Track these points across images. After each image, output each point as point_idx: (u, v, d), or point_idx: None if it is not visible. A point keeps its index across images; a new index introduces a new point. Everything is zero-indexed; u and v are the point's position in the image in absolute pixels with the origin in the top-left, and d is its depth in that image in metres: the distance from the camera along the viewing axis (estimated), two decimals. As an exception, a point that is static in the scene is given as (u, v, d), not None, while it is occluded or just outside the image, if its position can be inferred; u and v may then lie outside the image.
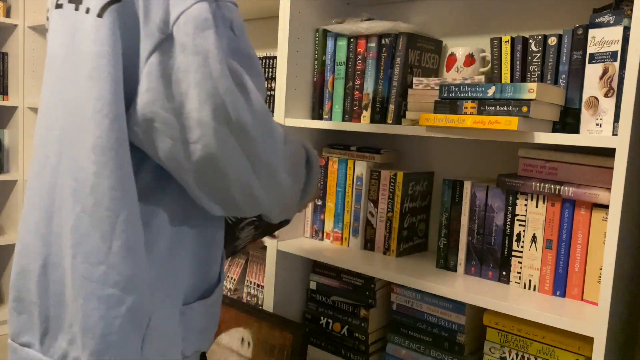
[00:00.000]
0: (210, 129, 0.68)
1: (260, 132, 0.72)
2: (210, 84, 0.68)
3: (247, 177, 0.73)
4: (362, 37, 1.50)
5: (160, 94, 0.69)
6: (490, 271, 1.30)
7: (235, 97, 0.69)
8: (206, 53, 0.68)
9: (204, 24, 0.68)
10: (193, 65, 0.68)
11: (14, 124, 2.73)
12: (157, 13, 0.69)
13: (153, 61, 0.69)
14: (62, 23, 0.77)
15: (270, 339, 1.57)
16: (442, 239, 1.38)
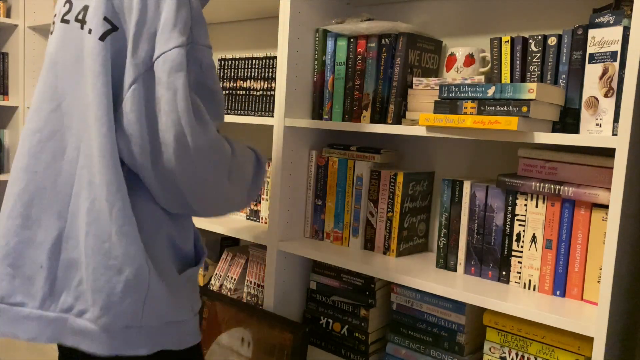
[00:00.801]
0: (172, 149, 0.87)
1: (211, 154, 0.91)
2: (175, 115, 0.86)
3: (198, 187, 0.92)
4: (362, 37, 1.50)
5: (141, 114, 0.87)
6: (490, 271, 1.30)
7: (193, 127, 0.87)
8: (175, 90, 0.86)
9: (178, 67, 0.86)
10: (164, 97, 0.86)
11: (14, 124, 2.73)
12: (143, 49, 0.87)
13: (136, 87, 0.87)
14: (68, 36, 0.92)
15: (270, 339, 1.58)
16: (441, 239, 1.38)
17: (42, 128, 0.93)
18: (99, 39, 0.88)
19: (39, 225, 0.92)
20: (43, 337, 0.93)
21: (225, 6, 1.87)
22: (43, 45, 2.74)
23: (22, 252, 0.93)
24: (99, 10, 0.89)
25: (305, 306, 1.68)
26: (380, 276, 1.36)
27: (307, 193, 1.65)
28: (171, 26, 0.87)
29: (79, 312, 0.91)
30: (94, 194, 0.88)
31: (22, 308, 0.92)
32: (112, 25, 0.88)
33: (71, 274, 0.91)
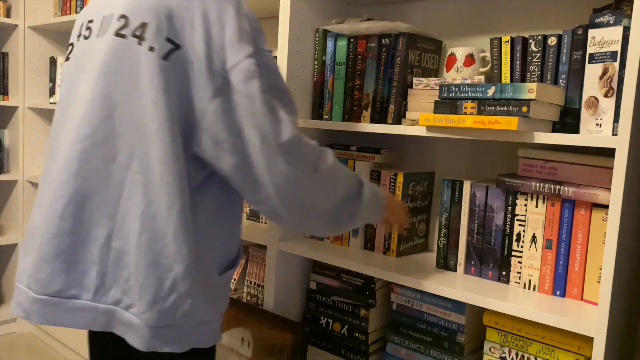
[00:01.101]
0: (258, 149, 0.95)
1: (295, 149, 0.98)
2: (256, 119, 0.94)
3: (284, 183, 0.97)
4: (362, 37, 1.50)
5: (225, 123, 0.94)
6: (490, 271, 1.30)
7: (274, 127, 0.95)
8: (252, 96, 0.94)
9: (252, 75, 0.94)
10: (243, 104, 0.94)
11: (14, 124, 2.73)
12: (216, 64, 0.93)
13: (218, 100, 0.94)
14: (124, 50, 0.96)
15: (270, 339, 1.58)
16: (441, 239, 1.38)
17: (94, 134, 0.98)
18: (162, 57, 0.94)
19: (91, 224, 0.99)
20: (96, 325, 1.00)
21: (225, 6, 1.87)
22: (43, 45, 2.74)
23: (76, 249, 1.00)
24: (161, 30, 0.94)
25: (305, 306, 1.68)
26: (380, 276, 1.36)
27: (307, 193, 1.65)
28: (238, 38, 0.94)
29: (126, 305, 0.98)
30: (149, 197, 0.95)
31: (76, 300, 1.00)
32: (175, 44, 0.94)
33: (119, 270, 0.98)
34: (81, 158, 0.99)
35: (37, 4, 2.68)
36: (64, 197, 0.99)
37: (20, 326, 2.80)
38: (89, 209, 0.99)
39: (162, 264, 0.95)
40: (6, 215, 2.81)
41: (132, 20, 0.97)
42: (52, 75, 2.69)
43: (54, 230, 1.00)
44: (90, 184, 0.99)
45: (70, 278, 1.00)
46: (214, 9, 0.95)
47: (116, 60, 0.97)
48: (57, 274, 1.00)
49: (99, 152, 0.98)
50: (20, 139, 2.70)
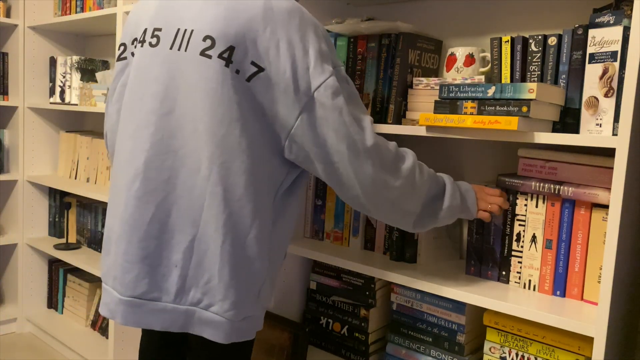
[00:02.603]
0: (346, 157, 1.04)
1: (377, 153, 1.07)
2: (344, 129, 1.04)
3: (369, 184, 1.07)
4: (362, 37, 1.50)
5: (310, 137, 1.04)
6: (490, 271, 1.30)
7: (360, 135, 1.05)
8: (340, 109, 1.03)
9: (337, 90, 1.04)
10: (332, 117, 1.03)
11: (14, 124, 2.73)
12: (302, 85, 1.02)
13: (303, 117, 1.03)
14: (207, 70, 1.02)
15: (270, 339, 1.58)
16: (442, 239, 1.38)
17: (183, 146, 1.05)
18: (247, 80, 1.01)
19: (175, 230, 1.06)
20: (175, 326, 1.07)
21: (225, 6, 1.87)
22: (43, 45, 2.73)
23: (160, 253, 1.07)
24: (247, 55, 1.01)
25: (305, 306, 1.68)
26: (380, 276, 1.36)
27: (307, 193, 1.65)
28: (321, 60, 1.03)
29: (206, 305, 1.05)
30: (230, 209, 1.03)
31: (157, 302, 1.07)
32: (259, 67, 1.01)
33: (200, 273, 1.05)
34: (172, 168, 1.06)
35: (37, 4, 2.68)
36: (153, 204, 1.06)
37: (20, 326, 2.80)
38: (175, 216, 1.06)
39: (244, 266, 1.05)
40: (6, 215, 2.81)
41: (218, 42, 1.01)
42: (52, 75, 2.69)
43: (142, 234, 1.06)
44: (178, 192, 1.06)
45: (154, 281, 1.07)
46: (297, 34, 1.02)
47: (199, 79, 1.02)
48: (143, 276, 1.07)
49: (187, 163, 1.05)
50: (20, 139, 2.70)
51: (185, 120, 1.04)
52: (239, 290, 1.05)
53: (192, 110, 1.04)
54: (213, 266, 1.04)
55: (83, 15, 2.31)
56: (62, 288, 2.79)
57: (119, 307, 1.08)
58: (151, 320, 1.07)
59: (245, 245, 1.05)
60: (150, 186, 1.06)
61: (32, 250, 2.78)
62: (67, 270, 2.76)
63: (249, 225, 1.04)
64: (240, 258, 1.04)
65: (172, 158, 1.05)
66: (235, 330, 1.06)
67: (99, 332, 2.59)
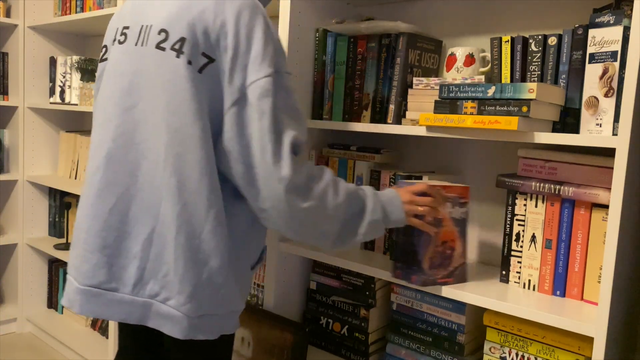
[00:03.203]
0: (258, 160, 1.02)
1: (285, 170, 1.03)
2: (259, 135, 1.01)
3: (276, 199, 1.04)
4: (362, 37, 1.50)
5: (236, 133, 1.02)
6: (415, 275, 1.30)
7: (275, 146, 1.02)
8: (263, 112, 1.01)
9: (266, 93, 1.02)
10: (254, 118, 1.01)
11: (14, 124, 2.73)
12: (238, 79, 1.02)
13: (233, 111, 1.02)
14: (161, 62, 1.04)
15: (270, 339, 1.58)
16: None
17: (147, 139, 1.06)
18: (198, 71, 1.02)
19: (136, 221, 1.07)
20: (132, 318, 1.07)
21: (225, 6, 1.87)
22: (43, 45, 2.73)
23: (120, 244, 1.08)
24: (198, 46, 1.02)
25: (305, 306, 1.68)
26: (380, 276, 1.36)
27: (307, 193, 1.65)
28: (261, 59, 1.02)
29: (164, 298, 1.05)
30: (184, 199, 1.03)
31: (115, 293, 1.07)
32: (209, 58, 1.02)
33: (159, 265, 1.06)
34: (134, 160, 1.07)
35: (37, 4, 2.68)
36: (114, 195, 1.07)
37: (20, 326, 2.80)
38: (136, 208, 1.07)
39: (199, 260, 1.03)
40: (6, 215, 2.81)
41: (171, 34, 1.04)
42: (52, 75, 2.69)
43: (101, 225, 1.08)
44: (139, 184, 1.07)
45: (112, 271, 1.08)
46: (245, 29, 1.03)
47: (155, 72, 1.05)
48: (101, 266, 1.08)
49: (148, 156, 1.06)
50: (20, 139, 2.70)
51: (146, 114, 1.06)
52: (193, 285, 1.03)
53: (152, 104, 1.06)
54: (170, 259, 1.04)
55: (83, 15, 2.31)
56: (62, 288, 2.79)
57: (77, 296, 1.09)
58: (108, 310, 1.08)
59: (200, 238, 1.03)
60: (112, 178, 1.07)
61: (32, 250, 2.78)
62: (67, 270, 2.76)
63: (203, 219, 1.03)
64: (194, 252, 1.03)
65: (134, 151, 1.07)
66: (193, 327, 1.05)
67: (99, 332, 2.59)
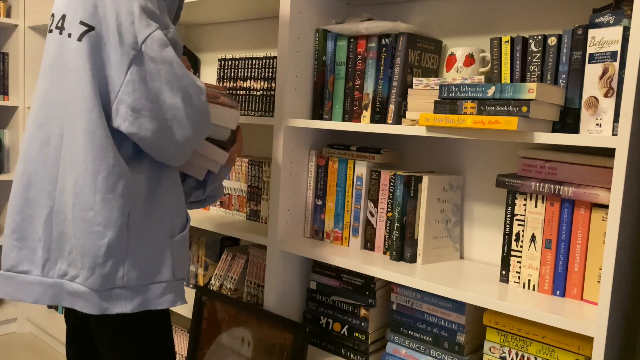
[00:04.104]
0: (182, 110, 1.06)
1: (206, 112, 1.12)
2: (178, 82, 1.05)
3: (190, 134, 1.10)
4: (362, 37, 1.50)
5: (142, 92, 1.03)
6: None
7: (195, 88, 1.08)
8: (170, 61, 1.05)
9: (165, 43, 1.05)
10: (163, 69, 1.04)
11: (14, 124, 2.73)
12: (128, 38, 1.03)
13: (132, 70, 1.03)
14: (53, 43, 1.10)
15: (270, 339, 1.58)
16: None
17: (34, 121, 1.10)
18: (77, 39, 1.04)
19: (36, 203, 1.09)
20: (45, 299, 1.09)
21: (225, 6, 1.87)
22: (43, 45, 2.73)
23: (26, 227, 1.10)
24: (76, 16, 1.05)
25: (305, 306, 1.68)
26: (380, 276, 1.36)
27: (307, 193, 1.65)
28: (146, 15, 1.04)
29: (72, 277, 1.07)
30: (77, 171, 1.04)
31: (27, 275, 1.10)
32: (88, 26, 1.04)
33: (62, 244, 1.07)
34: (25, 143, 1.11)
35: (37, 4, 2.68)
36: (17, 180, 1.12)
37: (20, 326, 2.80)
38: (33, 189, 1.10)
39: (96, 232, 1.04)
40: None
41: (56, 15, 1.10)
42: (52, 75, 2.69)
43: (10, 209, 1.12)
44: (32, 166, 1.10)
45: (22, 254, 1.10)
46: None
47: (49, 53, 1.10)
48: (10, 250, 1.11)
49: (37, 136, 1.09)
50: (20, 139, 2.70)
51: (36, 96, 1.11)
52: (92, 257, 1.03)
53: (40, 85, 1.11)
54: (73, 236, 1.05)
55: (83, 15, 2.31)
56: (62, 288, 2.78)
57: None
58: (22, 293, 1.10)
59: (94, 210, 1.03)
60: (19, 165, 1.12)
61: (32, 250, 2.78)
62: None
63: (92, 188, 1.03)
64: (89, 224, 1.03)
65: (26, 134, 1.12)
66: (104, 301, 1.05)
67: (99, 332, 2.58)
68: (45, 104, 1.09)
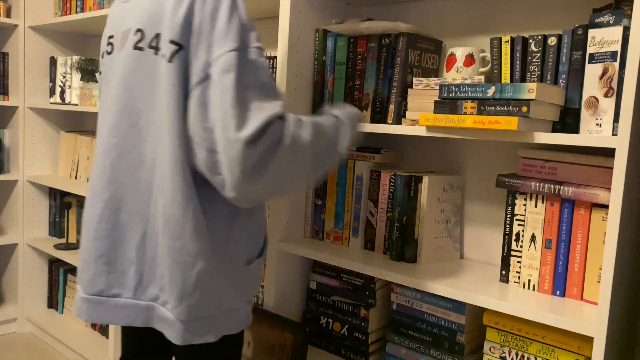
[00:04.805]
0: (223, 144, 0.94)
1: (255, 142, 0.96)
2: (222, 112, 0.94)
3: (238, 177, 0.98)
4: (362, 37, 1.50)
5: (199, 116, 0.97)
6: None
7: (237, 120, 0.94)
8: (225, 88, 0.95)
9: (229, 68, 0.96)
10: (216, 94, 0.96)
11: (14, 124, 2.73)
12: (202, 58, 0.97)
13: (195, 93, 0.97)
14: (143, 62, 1.03)
15: (270, 339, 1.58)
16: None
17: (122, 143, 1.06)
18: (168, 61, 0.99)
19: (127, 227, 1.07)
20: (138, 321, 1.08)
21: (225, 6, 1.87)
22: (43, 45, 2.73)
23: (115, 251, 1.08)
24: (167, 35, 1.00)
25: (305, 306, 1.68)
26: (380, 276, 1.36)
27: (307, 193, 1.65)
28: (224, 35, 0.98)
29: (163, 301, 1.06)
30: (165, 199, 1.01)
31: (118, 299, 1.09)
32: (178, 45, 0.99)
33: (154, 268, 1.06)
34: (113, 165, 1.07)
35: (37, 4, 2.68)
36: (100, 203, 1.08)
37: (20, 326, 2.80)
38: (124, 213, 1.07)
39: (185, 262, 1.02)
40: (6, 215, 2.81)
41: (147, 32, 1.03)
42: (52, 75, 2.69)
43: (94, 233, 1.08)
44: (124, 189, 1.07)
45: (111, 278, 1.09)
46: (209, 9, 0.99)
47: (137, 72, 1.05)
48: (99, 274, 1.09)
49: (128, 159, 1.06)
50: (20, 139, 2.70)
51: (123, 117, 1.06)
52: (180, 288, 1.02)
53: (130, 106, 1.05)
54: (162, 261, 1.04)
55: (83, 15, 2.31)
56: (62, 288, 2.79)
57: (83, 305, 1.10)
58: (114, 316, 1.09)
59: (183, 239, 1.01)
60: (97, 186, 1.09)
61: (32, 250, 2.78)
62: (67, 270, 2.76)
63: (182, 218, 1.01)
64: (178, 254, 1.02)
65: (111, 156, 1.07)
66: (189, 331, 1.04)
67: (99, 332, 2.59)
68: (138, 126, 1.05)
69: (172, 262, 1.02)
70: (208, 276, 1.04)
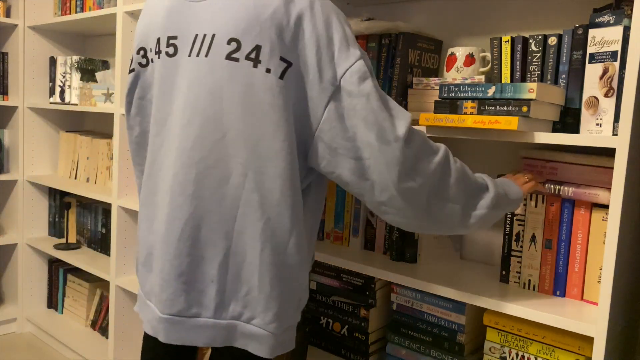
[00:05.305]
0: (375, 148, 0.96)
1: (409, 142, 0.98)
2: (372, 116, 0.95)
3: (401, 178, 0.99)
4: (362, 37, 1.50)
5: (339, 129, 0.97)
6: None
7: (390, 121, 0.97)
8: (367, 95, 0.96)
9: (364, 75, 0.97)
10: (360, 104, 0.96)
11: (14, 124, 2.73)
12: (328, 73, 0.96)
13: (331, 108, 0.96)
14: (238, 74, 0.97)
15: (270, 339, 1.57)
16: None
17: (208, 156, 1.00)
18: (279, 77, 0.96)
19: (208, 244, 1.03)
20: (218, 340, 1.05)
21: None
22: (43, 45, 2.73)
23: (195, 270, 1.04)
24: (275, 50, 0.95)
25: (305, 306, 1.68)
26: (380, 276, 1.36)
27: (307, 193, 1.65)
28: (346, 45, 0.97)
29: (248, 318, 1.03)
30: (267, 214, 0.99)
31: (198, 319, 1.04)
32: (288, 62, 0.96)
33: (238, 286, 1.03)
34: (196, 180, 1.01)
35: (37, 4, 2.68)
36: (181, 220, 1.02)
37: (20, 326, 2.80)
38: (205, 230, 1.02)
39: (286, 277, 1.02)
40: (6, 215, 2.81)
41: (244, 43, 0.97)
42: (52, 75, 2.69)
43: (174, 251, 1.03)
44: (206, 205, 1.02)
45: (191, 297, 1.04)
46: (321, 23, 0.97)
47: (229, 84, 0.98)
48: (179, 294, 1.04)
49: (213, 173, 1.01)
50: (20, 139, 2.70)
51: (208, 130, 1.00)
52: (281, 302, 1.02)
53: (217, 118, 0.99)
54: (251, 277, 1.01)
55: (83, 15, 2.31)
56: (62, 288, 2.79)
57: (160, 325, 1.06)
58: (193, 336, 1.05)
59: (285, 253, 1.01)
60: (177, 202, 1.03)
61: (32, 250, 2.78)
62: (67, 270, 2.76)
63: (288, 232, 1.00)
64: (281, 267, 1.01)
65: (194, 170, 1.01)
66: (280, 344, 1.04)
67: (99, 332, 2.59)
68: (226, 140, 0.99)
69: (273, 276, 1.01)
70: (301, 286, 1.06)
